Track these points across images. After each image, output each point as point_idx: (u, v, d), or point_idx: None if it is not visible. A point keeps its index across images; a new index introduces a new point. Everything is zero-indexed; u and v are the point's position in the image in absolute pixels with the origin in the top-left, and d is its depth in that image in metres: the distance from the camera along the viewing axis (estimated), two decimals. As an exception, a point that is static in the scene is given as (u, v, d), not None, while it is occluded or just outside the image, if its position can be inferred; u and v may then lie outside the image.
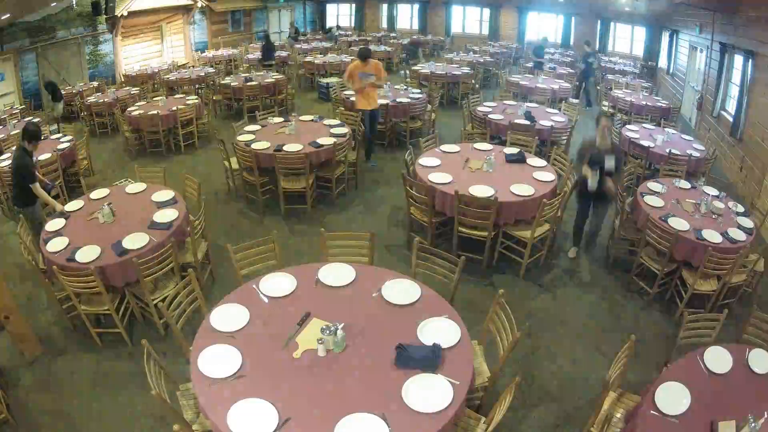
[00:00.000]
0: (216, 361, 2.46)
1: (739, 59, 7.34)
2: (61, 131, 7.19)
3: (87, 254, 3.62)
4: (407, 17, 19.53)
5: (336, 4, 20.72)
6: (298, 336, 2.63)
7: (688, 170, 5.65)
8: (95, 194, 4.59)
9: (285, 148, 5.51)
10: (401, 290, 2.98)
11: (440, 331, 2.66)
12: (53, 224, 4.04)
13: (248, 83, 9.33)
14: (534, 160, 5.20)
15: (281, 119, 6.69)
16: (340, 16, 20.82)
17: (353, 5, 20.08)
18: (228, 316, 2.79)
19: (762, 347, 2.75)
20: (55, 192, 5.57)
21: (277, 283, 3.06)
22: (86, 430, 3.18)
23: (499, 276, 4.67)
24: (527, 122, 6.79)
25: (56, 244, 3.76)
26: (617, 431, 2.62)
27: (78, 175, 6.43)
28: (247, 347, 2.56)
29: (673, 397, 2.38)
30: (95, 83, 10.82)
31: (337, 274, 3.15)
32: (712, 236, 4.00)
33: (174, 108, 7.66)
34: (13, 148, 6.39)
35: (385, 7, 19.64)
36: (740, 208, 4.52)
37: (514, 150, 5.43)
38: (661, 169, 5.64)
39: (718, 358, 2.63)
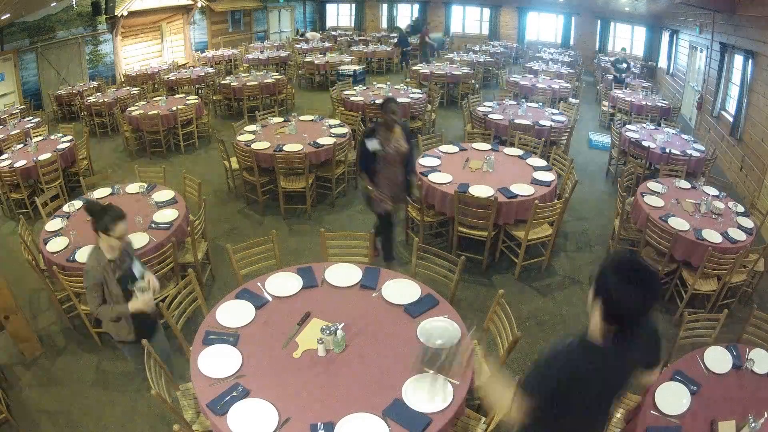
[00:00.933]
0: (216, 361, 2.46)
1: (739, 59, 7.34)
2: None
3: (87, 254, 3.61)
4: (407, 17, 19.51)
5: (336, 3, 20.71)
6: (298, 336, 2.63)
7: (688, 170, 5.65)
8: (96, 194, 4.59)
9: (285, 148, 5.52)
10: (401, 290, 2.98)
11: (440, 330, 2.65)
12: (53, 224, 4.03)
13: (248, 83, 9.31)
14: (534, 160, 5.20)
15: (281, 119, 6.70)
16: (340, 15, 20.80)
17: (353, 5, 20.07)
18: (231, 313, 2.79)
19: (762, 347, 2.75)
20: (55, 192, 5.57)
21: (282, 283, 3.06)
22: (86, 429, 3.18)
23: (499, 276, 4.67)
24: (528, 122, 6.79)
25: (56, 244, 3.76)
26: (617, 431, 2.62)
27: (78, 175, 6.43)
28: (247, 347, 2.56)
29: (673, 397, 2.38)
30: (95, 83, 10.80)
31: (343, 274, 3.15)
32: (712, 236, 4.00)
33: (174, 108, 7.66)
34: (14, 147, 6.41)
35: (385, 7, 19.63)
36: (740, 208, 4.51)
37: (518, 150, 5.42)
38: (661, 169, 5.64)
39: (718, 358, 2.63)
